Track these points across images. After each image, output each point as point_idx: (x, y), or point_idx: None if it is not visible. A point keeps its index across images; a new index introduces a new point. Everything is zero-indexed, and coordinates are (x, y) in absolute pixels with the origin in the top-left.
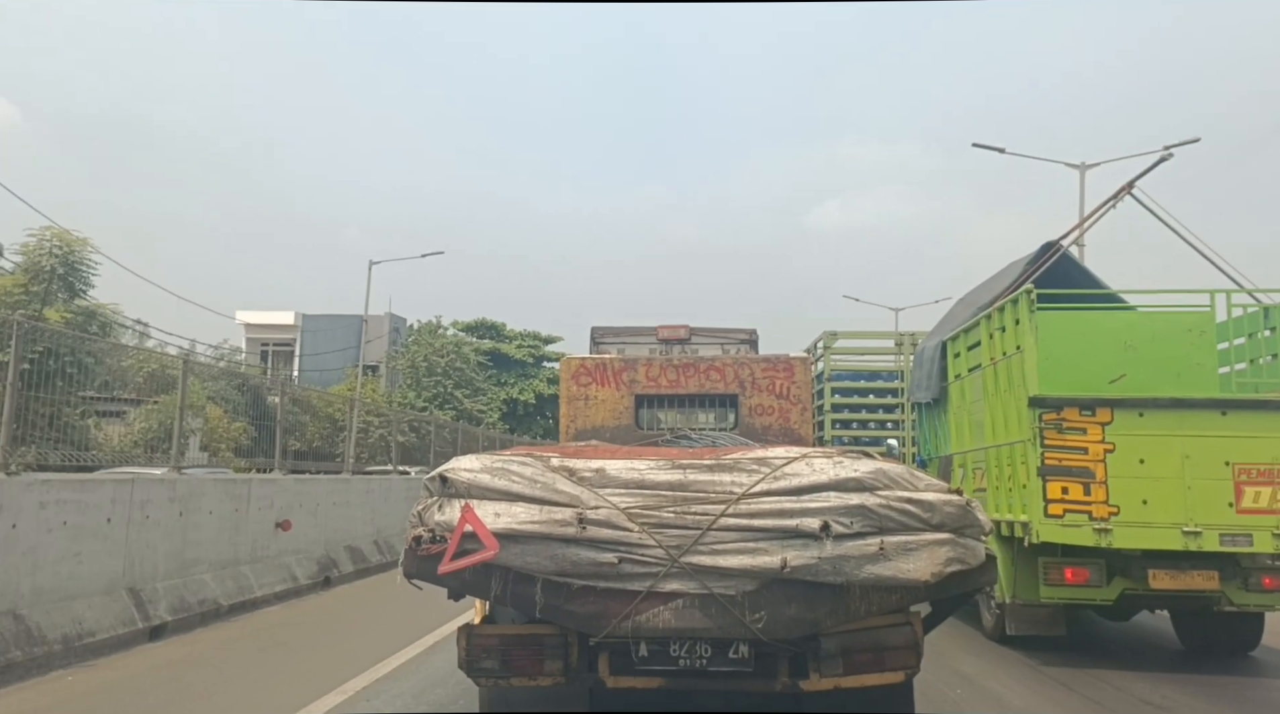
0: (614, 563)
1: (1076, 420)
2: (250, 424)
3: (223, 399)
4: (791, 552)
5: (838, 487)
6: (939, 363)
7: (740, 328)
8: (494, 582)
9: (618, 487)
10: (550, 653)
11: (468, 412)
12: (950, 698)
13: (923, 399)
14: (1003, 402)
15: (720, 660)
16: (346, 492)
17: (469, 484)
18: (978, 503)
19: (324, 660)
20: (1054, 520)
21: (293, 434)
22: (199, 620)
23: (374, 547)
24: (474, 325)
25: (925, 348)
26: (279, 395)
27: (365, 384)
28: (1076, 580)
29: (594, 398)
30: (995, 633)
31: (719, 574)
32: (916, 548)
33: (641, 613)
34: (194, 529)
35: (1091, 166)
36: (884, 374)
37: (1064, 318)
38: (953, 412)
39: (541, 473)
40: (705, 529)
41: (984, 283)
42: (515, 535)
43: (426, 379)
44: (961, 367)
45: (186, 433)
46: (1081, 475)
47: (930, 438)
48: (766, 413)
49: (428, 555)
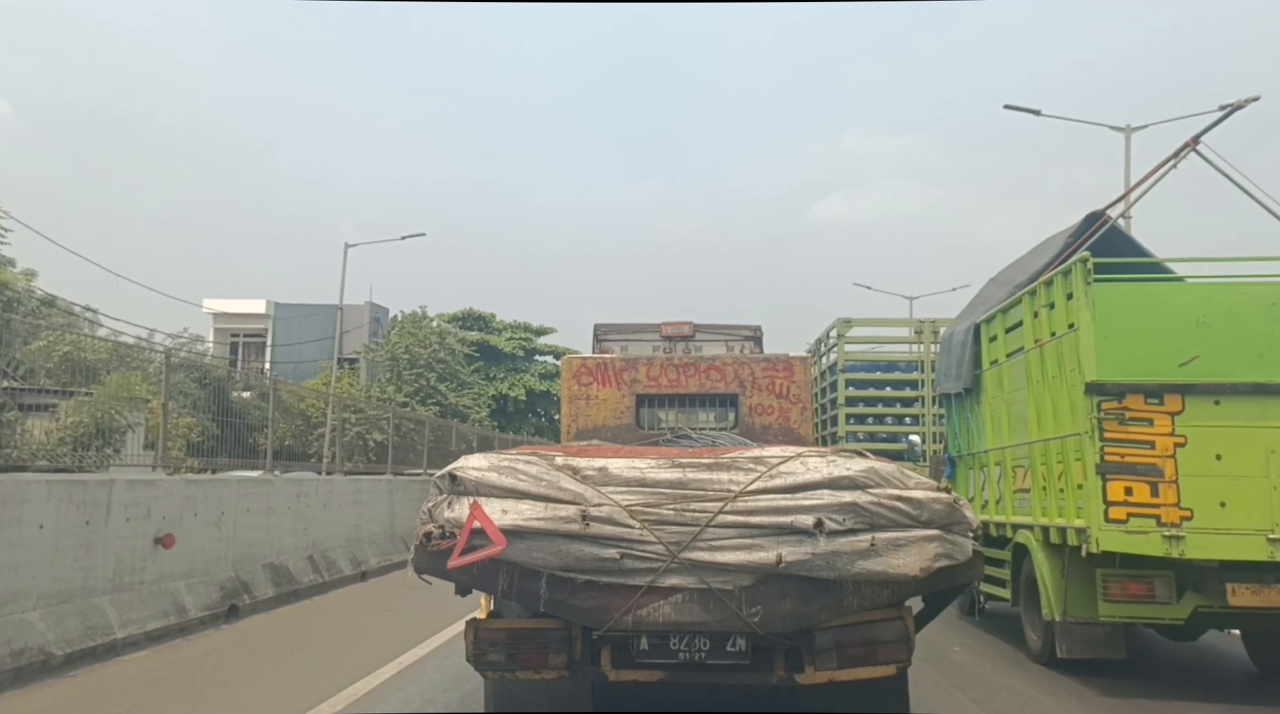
0: (616, 558)
1: (1141, 410)
2: (212, 420)
3: (180, 393)
4: (787, 548)
5: (831, 485)
6: (970, 349)
7: (744, 324)
8: (501, 576)
9: (619, 485)
10: (555, 646)
11: (452, 407)
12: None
13: (952, 390)
14: (1051, 389)
15: (719, 654)
16: (267, 496)
17: (477, 482)
18: (965, 500)
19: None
20: (1116, 526)
21: (260, 431)
22: (11, 680)
23: (307, 564)
24: (460, 316)
25: (954, 333)
26: (239, 386)
27: (341, 377)
28: (1141, 596)
29: (595, 397)
30: (1043, 655)
31: (717, 570)
32: (906, 544)
33: (642, 607)
34: (8, 548)
35: (1138, 129)
36: (903, 365)
37: (1125, 291)
38: (988, 403)
39: (546, 471)
40: (704, 526)
41: (1018, 260)
42: (521, 531)
43: (407, 372)
44: (998, 351)
45: (123, 428)
46: (1148, 474)
47: (961, 433)
48: (766, 412)
49: (437, 551)
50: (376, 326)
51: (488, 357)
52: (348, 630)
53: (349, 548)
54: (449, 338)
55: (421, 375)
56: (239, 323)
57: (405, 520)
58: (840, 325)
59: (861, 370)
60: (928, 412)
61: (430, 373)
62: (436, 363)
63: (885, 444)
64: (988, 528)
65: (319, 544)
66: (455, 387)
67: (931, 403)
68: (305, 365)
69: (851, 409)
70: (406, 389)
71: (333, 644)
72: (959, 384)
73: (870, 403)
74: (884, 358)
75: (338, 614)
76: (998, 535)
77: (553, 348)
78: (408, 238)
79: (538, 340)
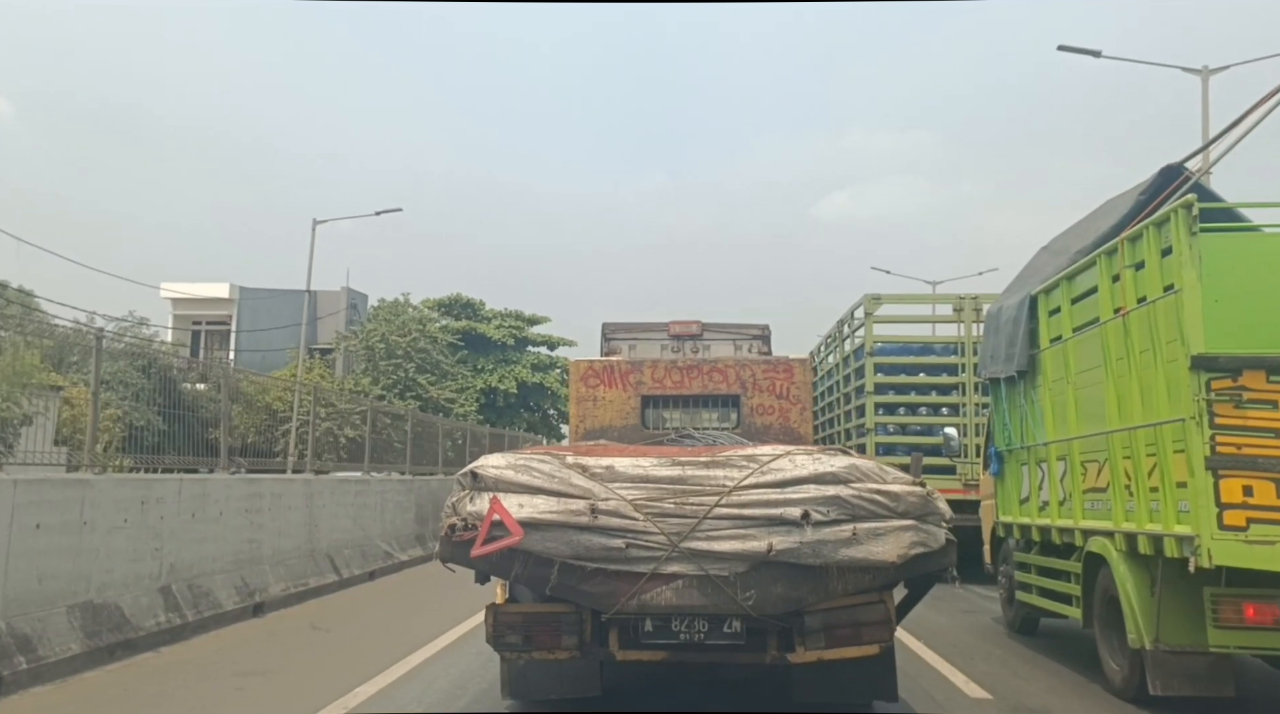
0: (622, 548)
1: (1263, 389)
2: (158, 414)
3: (121, 383)
4: (776, 537)
5: (816, 480)
6: (1025, 325)
7: (752, 323)
8: (517, 564)
9: (625, 481)
10: (567, 628)
11: (433, 401)
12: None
13: (1000, 373)
14: (1139, 367)
15: (716, 635)
16: (78, 504)
17: (496, 479)
18: (938, 493)
19: None
20: (1233, 534)
21: (218, 427)
22: None
23: (158, 600)
24: (446, 302)
25: (1001, 309)
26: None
27: (312, 368)
28: (1263, 621)
29: (602, 399)
30: (1128, 689)
31: (714, 558)
32: (884, 533)
33: (646, 592)
34: None
35: (1216, 71)
36: (939, 347)
37: (1240, 243)
38: (1047, 387)
39: (558, 469)
40: (701, 518)
41: (1075, 226)
42: (536, 523)
43: (384, 362)
44: (1062, 326)
45: (19, 417)
46: (1273, 469)
47: (1012, 423)
48: (767, 412)
49: (461, 542)
50: (354, 314)
51: (475, 346)
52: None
53: (237, 571)
54: (430, 325)
55: (400, 366)
56: (200, 309)
57: (343, 531)
58: (868, 302)
59: (892, 353)
60: (969, 400)
61: (409, 364)
62: (416, 353)
63: (919, 437)
64: (1049, 534)
65: (183, 568)
66: (436, 378)
67: (973, 390)
68: (274, 354)
69: (881, 397)
70: (384, 381)
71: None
72: (1010, 367)
73: (902, 390)
74: (918, 340)
75: (167, 681)
76: (1062, 543)
77: (546, 337)
78: (382, 213)
79: (530, 329)
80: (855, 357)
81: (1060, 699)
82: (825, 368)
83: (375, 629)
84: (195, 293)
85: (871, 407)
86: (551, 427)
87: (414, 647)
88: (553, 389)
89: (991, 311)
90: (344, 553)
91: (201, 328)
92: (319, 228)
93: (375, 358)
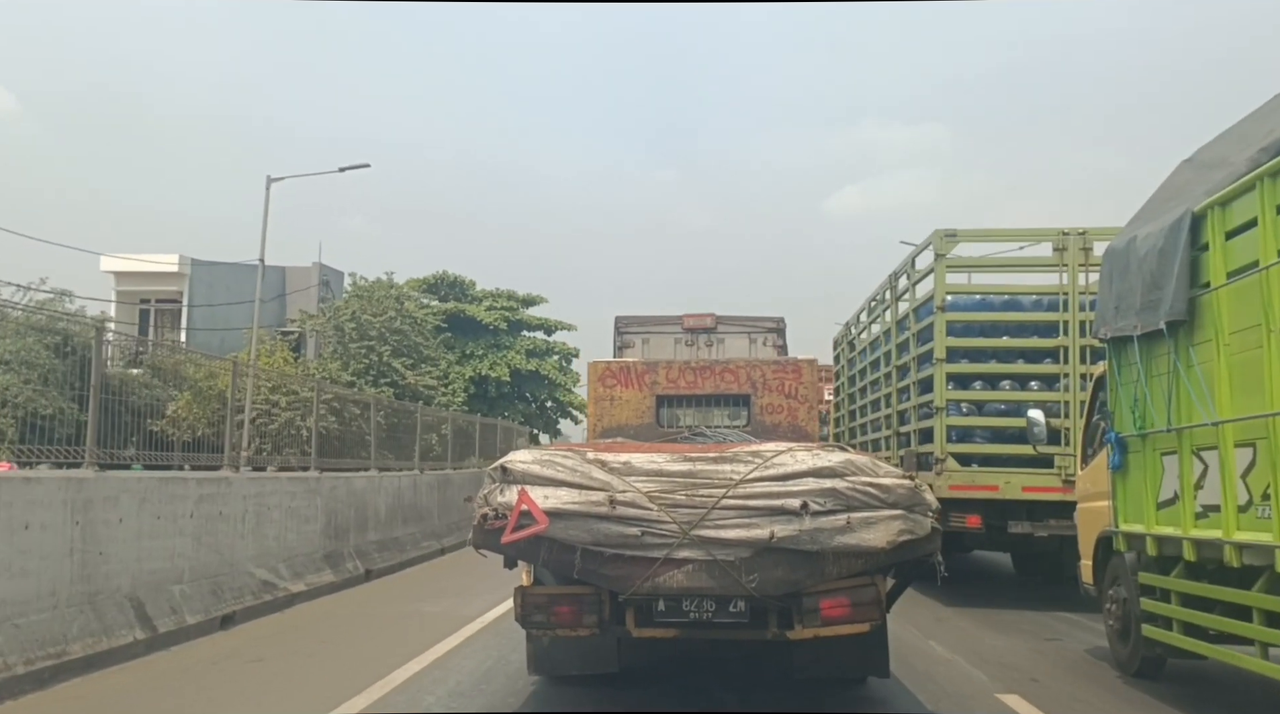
0: (638, 535)
1: None
2: (72, 400)
3: (24, 364)
4: (778, 526)
5: (815, 474)
6: (1183, 256)
7: (767, 317)
8: (543, 550)
9: (640, 474)
10: (587, 608)
11: (410, 387)
12: None
13: (1135, 328)
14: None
15: (722, 614)
16: None
17: (524, 472)
18: (925, 485)
19: None
20: None
21: (148, 415)
22: None
23: None
24: (432, 282)
25: (1136, 240)
26: None
27: (275, 350)
28: None
29: (619, 398)
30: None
31: (721, 544)
32: (876, 522)
33: (660, 575)
34: None
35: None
36: (1028, 301)
37: None
38: (1221, 341)
39: (580, 464)
40: (710, 508)
41: (1234, 128)
42: (560, 513)
43: (355, 345)
44: (1245, 254)
45: None
46: None
47: (1153, 396)
48: (776, 411)
49: (493, 530)
50: (326, 292)
51: (463, 330)
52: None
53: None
54: (409, 303)
55: (373, 349)
56: (147, 284)
57: (171, 556)
58: (938, 241)
59: (969, 309)
60: (1071, 369)
61: (384, 346)
62: (391, 334)
63: (1000, 419)
64: (1213, 552)
65: None
66: (414, 363)
67: (1078, 357)
68: (234, 335)
69: (955, 366)
70: (354, 365)
71: None
72: (1154, 317)
73: (980, 357)
74: (1003, 290)
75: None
76: (1241, 566)
77: (543, 321)
78: (347, 169)
79: (525, 311)
80: (918, 315)
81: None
82: (864, 342)
83: None
84: (140, 266)
85: (942, 379)
86: (549, 419)
87: None
88: (550, 377)
89: (1116, 247)
90: (170, 591)
91: (151, 307)
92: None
93: (345, 339)
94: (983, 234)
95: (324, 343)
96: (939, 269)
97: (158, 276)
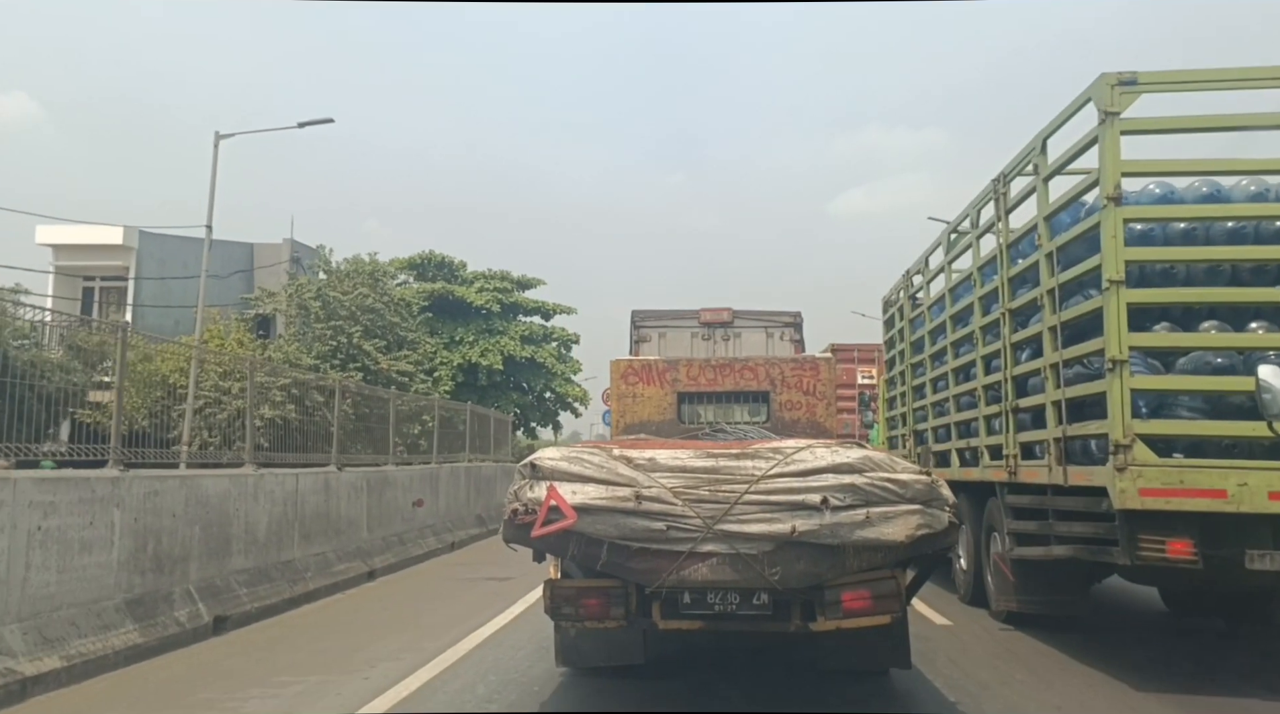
0: (663, 530)
1: None
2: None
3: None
4: (799, 520)
5: (834, 470)
6: None
7: (784, 311)
8: (572, 544)
9: (665, 471)
10: (615, 601)
11: (383, 373)
12: None
13: None
14: None
15: (746, 606)
16: None
17: (552, 469)
18: (942, 481)
19: None
20: None
21: (69, 404)
22: None
23: None
24: (418, 261)
25: None
26: None
27: (232, 331)
28: None
29: (641, 395)
30: None
31: (744, 538)
32: (894, 516)
33: (685, 569)
34: None
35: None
36: (1237, 191)
37: None
38: None
39: (607, 460)
40: (733, 503)
41: None
42: (588, 508)
43: (320, 325)
44: None
45: None
46: None
47: None
48: (795, 408)
49: (522, 524)
50: (298, 269)
51: (450, 312)
52: None
53: None
54: (387, 281)
55: (341, 329)
56: (90, 259)
57: None
58: (1106, 93)
59: (1167, 200)
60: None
61: (354, 327)
62: (362, 313)
63: (1216, 380)
64: None
65: None
66: (386, 345)
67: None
68: (187, 316)
69: (1138, 295)
70: (318, 347)
71: None
72: None
73: (1169, 280)
74: (1199, 166)
75: None
76: None
77: (540, 304)
78: (306, 125)
79: (520, 294)
80: (1073, 215)
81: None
82: (941, 290)
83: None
84: (80, 237)
85: (1119, 314)
86: (548, 411)
87: None
88: (548, 365)
89: None
90: None
91: (96, 285)
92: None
93: (309, 318)
94: (1174, 78)
95: (287, 323)
96: (1108, 136)
97: (100, 250)
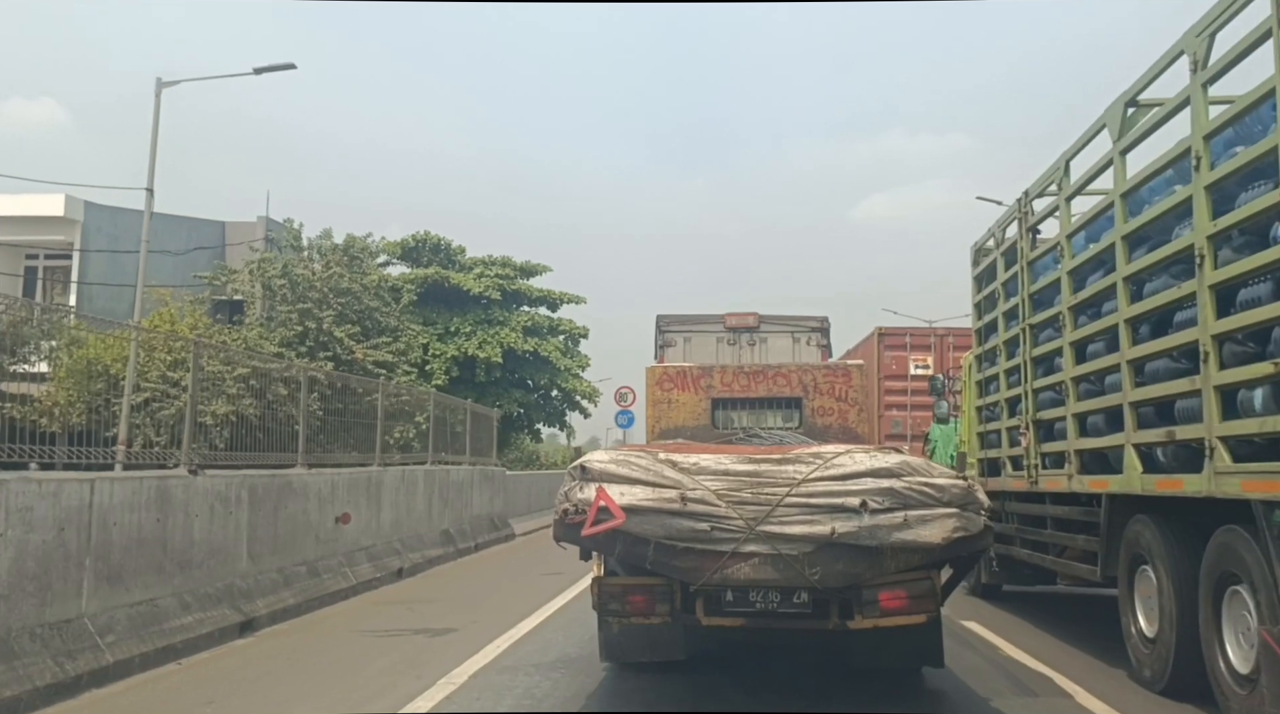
0: (707, 530)
1: None
2: None
3: None
4: (839, 522)
5: (873, 474)
6: None
7: (810, 316)
8: (619, 543)
9: (709, 474)
10: (660, 598)
11: (359, 364)
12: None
13: None
14: None
15: (787, 605)
16: None
17: (601, 472)
18: (978, 485)
19: None
20: None
21: None
22: None
23: None
24: (411, 244)
25: None
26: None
27: (186, 313)
28: None
29: (676, 401)
30: None
31: (785, 539)
32: (931, 519)
33: (728, 568)
34: None
35: None
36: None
37: None
38: None
39: (653, 463)
40: (774, 506)
41: None
42: (635, 509)
43: (285, 308)
44: None
45: None
46: None
47: None
48: (827, 414)
49: (573, 524)
50: (270, 247)
51: (446, 301)
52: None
53: None
54: (368, 261)
55: (309, 313)
56: (32, 233)
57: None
58: None
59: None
60: None
61: (326, 311)
62: (335, 295)
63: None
64: None
65: None
66: (362, 333)
67: None
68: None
69: (1243, 262)
70: (281, 332)
71: None
72: None
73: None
74: None
75: None
76: None
77: (545, 293)
78: (263, 71)
79: (523, 282)
80: (1219, 144)
81: None
82: (1105, 201)
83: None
84: (16, 209)
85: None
86: (554, 410)
87: None
88: (554, 360)
89: None
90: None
91: (40, 264)
92: None
93: (273, 300)
94: None
95: (249, 306)
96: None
97: (39, 222)
